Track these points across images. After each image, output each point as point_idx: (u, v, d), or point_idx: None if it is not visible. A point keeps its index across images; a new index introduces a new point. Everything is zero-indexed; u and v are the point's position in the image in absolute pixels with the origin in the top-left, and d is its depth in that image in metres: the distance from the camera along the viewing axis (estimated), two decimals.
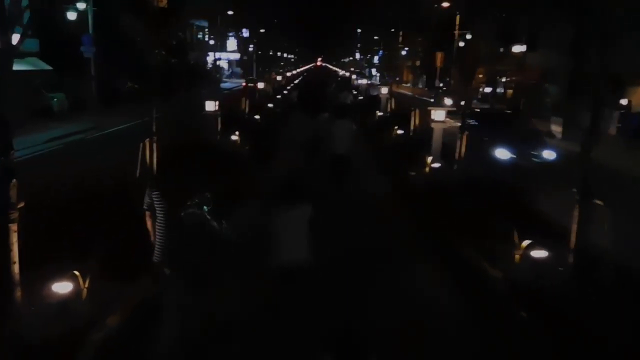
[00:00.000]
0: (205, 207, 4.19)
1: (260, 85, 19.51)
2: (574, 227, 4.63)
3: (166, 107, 8.92)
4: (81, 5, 20.01)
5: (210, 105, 10.02)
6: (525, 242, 5.10)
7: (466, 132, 8.67)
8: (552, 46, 25.60)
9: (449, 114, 10.55)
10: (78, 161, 10.63)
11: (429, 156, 9.51)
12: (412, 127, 13.02)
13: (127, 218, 4.82)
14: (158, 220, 3.76)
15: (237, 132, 11.33)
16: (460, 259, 5.77)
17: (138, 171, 5.81)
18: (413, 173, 9.44)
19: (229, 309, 4.56)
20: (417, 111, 13.18)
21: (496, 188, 7.13)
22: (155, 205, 3.75)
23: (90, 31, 20.23)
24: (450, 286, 5.32)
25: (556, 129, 20.39)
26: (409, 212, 7.90)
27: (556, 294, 4.29)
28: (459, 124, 9.32)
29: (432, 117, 9.72)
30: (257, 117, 15.42)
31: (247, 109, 14.91)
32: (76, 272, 4.26)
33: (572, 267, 4.61)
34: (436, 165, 9.22)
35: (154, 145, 6.22)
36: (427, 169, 9.37)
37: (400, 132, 13.33)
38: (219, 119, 10.59)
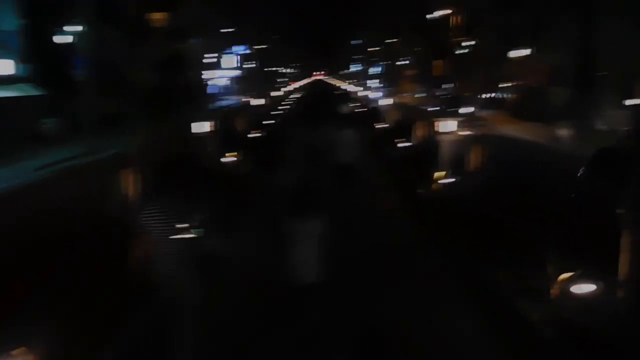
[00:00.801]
0: (200, 231, 3.67)
1: (255, 101, 18.96)
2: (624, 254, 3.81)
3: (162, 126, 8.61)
4: (76, 28, 19.64)
5: (202, 126, 9.43)
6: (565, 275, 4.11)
7: (481, 144, 8.06)
8: (558, 45, 24.99)
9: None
10: (53, 195, 10.03)
11: (439, 171, 8.88)
12: (415, 139, 12.42)
13: (93, 267, 4.17)
14: (153, 240, 3.42)
15: (234, 151, 10.75)
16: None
17: (114, 204, 5.17)
18: (421, 190, 8.82)
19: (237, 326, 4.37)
20: (419, 123, 12.58)
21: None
22: (152, 223, 3.42)
23: (85, 52, 19.81)
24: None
25: (563, 133, 19.74)
26: (422, 237, 7.20)
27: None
28: (467, 132, 8.76)
29: (440, 128, 9.12)
30: (255, 134, 14.86)
31: (244, 127, 14.35)
32: (24, 349, 3.31)
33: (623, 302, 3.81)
34: (446, 181, 8.58)
35: (137, 173, 5.59)
36: (435, 185, 8.73)
37: (403, 144, 12.72)
38: (214, 138, 10.02)
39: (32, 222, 6.50)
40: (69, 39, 19.78)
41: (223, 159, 10.77)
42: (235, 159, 10.69)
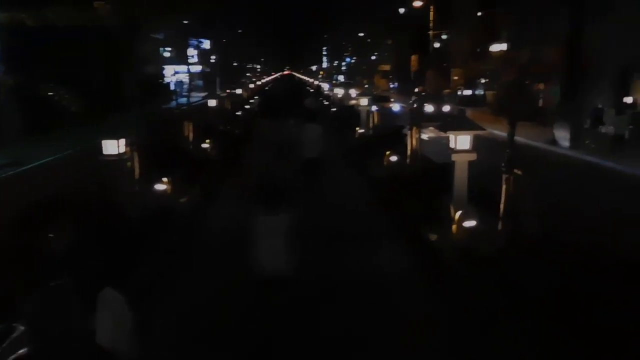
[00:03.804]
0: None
1: (212, 102, 15.87)
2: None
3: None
4: None
5: (112, 146, 6.39)
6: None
7: (516, 171, 5.38)
8: (542, 40, 22.99)
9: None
10: None
11: (456, 208, 6.15)
12: (409, 153, 9.72)
13: None
14: None
15: (166, 176, 7.81)
16: None
17: None
18: (434, 236, 6.11)
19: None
20: (415, 129, 9.89)
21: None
22: None
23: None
24: None
25: (559, 134, 17.60)
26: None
27: None
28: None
29: (453, 144, 6.43)
30: (205, 145, 11.88)
31: (191, 137, 11.35)
32: None
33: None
34: (469, 223, 5.88)
35: None
36: (455, 229, 6.02)
37: (393, 158, 10.01)
38: (132, 163, 7.02)
39: None
40: None
41: (155, 187, 7.84)
42: (166, 186, 7.75)
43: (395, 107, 31.20)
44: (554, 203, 7.92)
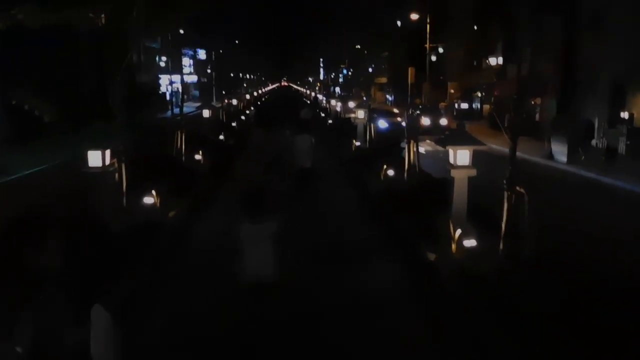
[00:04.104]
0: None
1: (206, 113, 15.61)
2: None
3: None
4: None
5: (97, 158, 6.08)
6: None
7: (520, 189, 5.13)
8: (539, 54, 22.97)
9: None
10: None
11: (455, 225, 5.90)
12: (406, 168, 9.48)
13: None
14: None
15: (153, 191, 7.53)
16: None
17: None
18: (431, 255, 5.84)
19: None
20: (412, 143, 9.67)
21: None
22: None
23: None
24: None
25: (555, 149, 17.43)
26: None
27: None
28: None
29: (453, 160, 6.21)
30: (198, 156, 11.61)
31: (183, 149, 11.08)
32: None
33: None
34: (469, 243, 5.61)
35: None
36: (454, 248, 5.76)
37: (390, 172, 9.77)
38: (120, 175, 6.74)
39: None
40: None
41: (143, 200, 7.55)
42: (154, 200, 7.47)
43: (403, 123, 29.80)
44: (554, 221, 7.69)
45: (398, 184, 8.95)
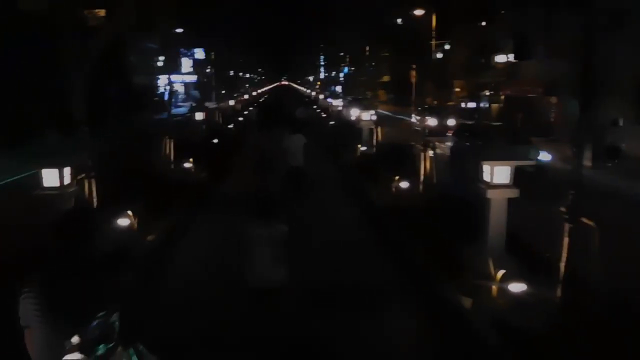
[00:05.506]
0: (100, 349, 2.20)
1: (199, 116, 14.43)
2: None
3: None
4: None
5: (53, 177, 4.93)
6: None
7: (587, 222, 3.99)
8: (556, 52, 21.78)
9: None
10: None
11: (496, 263, 4.73)
12: (421, 178, 8.32)
13: None
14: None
15: (129, 212, 6.40)
16: None
17: None
18: (462, 299, 4.66)
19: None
20: (428, 151, 8.51)
21: None
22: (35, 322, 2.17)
23: None
24: None
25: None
26: None
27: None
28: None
29: (488, 177, 5.06)
30: (188, 164, 10.49)
31: (171, 156, 9.94)
32: None
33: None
34: (517, 287, 4.43)
35: None
36: (495, 291, 4.58)
37: (403, 184, 8.61)
38: (88, 194, 5.61)
39: None
40: None
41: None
42: (130, 221, 6.34)
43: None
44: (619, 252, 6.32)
45: (412, 199, 7.77)
